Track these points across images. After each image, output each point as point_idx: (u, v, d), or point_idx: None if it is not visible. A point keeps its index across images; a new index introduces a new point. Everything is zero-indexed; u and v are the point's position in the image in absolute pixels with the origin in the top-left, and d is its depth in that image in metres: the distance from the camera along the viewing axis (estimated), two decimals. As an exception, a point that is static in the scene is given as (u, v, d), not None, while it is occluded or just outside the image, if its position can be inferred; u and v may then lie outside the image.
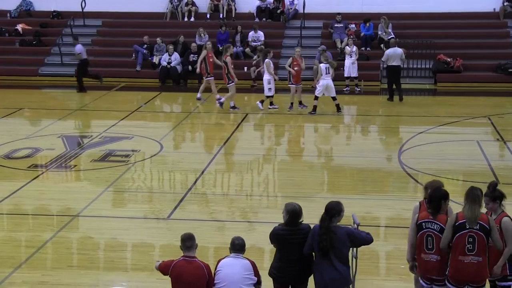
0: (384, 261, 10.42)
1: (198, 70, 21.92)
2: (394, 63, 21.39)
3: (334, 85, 19.90)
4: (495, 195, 7.96)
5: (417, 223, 7.94)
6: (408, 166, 14.72)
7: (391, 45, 21.82)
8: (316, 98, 19.80)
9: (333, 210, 7.80)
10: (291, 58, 20.72)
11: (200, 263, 7.64)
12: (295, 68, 20.31)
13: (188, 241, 7.70)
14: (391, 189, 13.85)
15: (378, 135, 18.83)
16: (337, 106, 19.88)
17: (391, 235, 11.48)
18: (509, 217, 7.88)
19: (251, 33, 25.88)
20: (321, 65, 19.91)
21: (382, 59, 22.18)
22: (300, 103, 20.45)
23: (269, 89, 20.24)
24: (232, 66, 20.63)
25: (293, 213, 7.90)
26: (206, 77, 21.48)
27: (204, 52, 21.51)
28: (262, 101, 20.31)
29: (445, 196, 8.02)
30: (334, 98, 19.82)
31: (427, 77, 24.67)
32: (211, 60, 21.44)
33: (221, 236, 11.16)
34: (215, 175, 14.57)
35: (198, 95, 21.66)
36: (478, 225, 7.61)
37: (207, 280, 7.59)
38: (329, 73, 19.79)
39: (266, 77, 20.26)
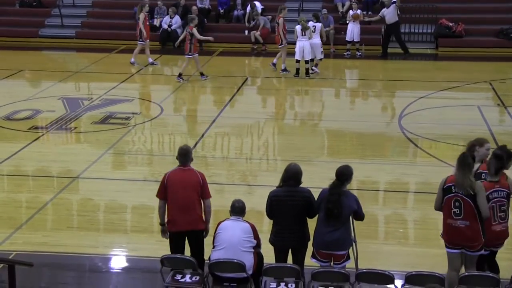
0: (382, 225, 10.48)
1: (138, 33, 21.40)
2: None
3: (336, 49, 19.78)
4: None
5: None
6: (408, 131, 14.72)
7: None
8: (298, 61, 19.74)
9: (345, 176, 7.80)
10: (282, 19, 20.30)
11: (195, 171, 8.22)
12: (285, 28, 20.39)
13: (182, 157, 8.26)
14: (391, 154, 13.87)
15: (378, 100, 18.79)
16: (307, 70, 19.79)
17: (390, 200, 11.54)
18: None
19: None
20: (297, 27, 19.76)
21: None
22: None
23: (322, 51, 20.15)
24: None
25: (293, 172, 7.90)
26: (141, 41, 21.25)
27: (142, 16, 21.17)
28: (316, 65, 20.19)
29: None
30: (306, 62, 19.78)
31: (428, 41, 24.52)
32: (147, 23, 21.31)
33: (220, 199, 11.17)
34: (215, 138, 14.59)
35: (132, 59, 21.47)
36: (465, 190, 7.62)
37: (201, 184, 8.14)
38: (305, 35, 19.63)
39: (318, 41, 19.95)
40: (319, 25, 20.06)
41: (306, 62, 19.78)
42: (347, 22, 23.50)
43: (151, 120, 15.79)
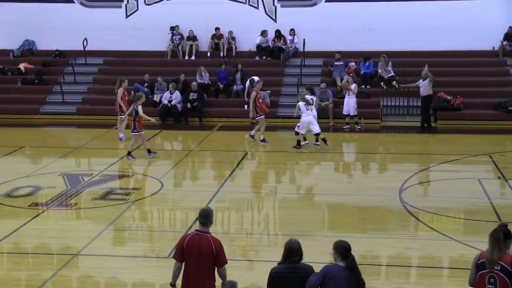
0: (385, 300, 10.35)
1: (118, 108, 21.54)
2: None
3: (335, 122, 19.87)
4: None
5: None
6: (409, 204, 14.68)
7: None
8: (297, 133, 20.17)
9: (349, 248, 7.72)
10: (254, 92, 21.07)
11: (210, 239, 8.22)
12: (260, 101, 20.95)
13: (202, 218, 8.37)
14: (392, 227, 13.80)
15: (378, 173, 18.83)
16: (324, 139, 20.12)
17: (393, 274, 11.41)
18: None
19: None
20: (300, 103, 20.18)
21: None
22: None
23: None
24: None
25: (290, 249, 7.81)
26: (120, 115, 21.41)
27: (120, 90, 21.42)
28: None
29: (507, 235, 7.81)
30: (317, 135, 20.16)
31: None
32: (126, 98, 21.52)
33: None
34: (215, 213, 14.42)
35: (120, 135, 21.57)
36: (499, 266, 7.50)
37: (214, 254, 8.15)
38: (308, 109, 20.08)
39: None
40: (314, 98, 20.65)
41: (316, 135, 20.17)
42: (344, 95, 23.76)
43: (151, 195, 15.78)
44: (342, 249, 7.72)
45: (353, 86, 23.31)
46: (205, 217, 8.36)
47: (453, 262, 11.66)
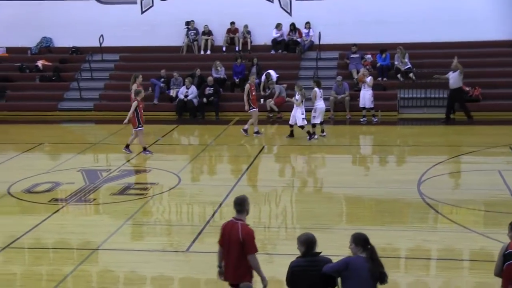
0: (405, 292, 10.32)
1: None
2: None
3: (352, 115, 19.81)
4: None
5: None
6: (428, 197, 14.61)
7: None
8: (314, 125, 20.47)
9: (368, 239, 7.72)
10: (248, 84, 21.38)
11: (239, 227, 8.41)
12: (253, 93, 21.17)
13: (237, 206, 8.64)
14: (411, 220, 13.74)
15: (396, 165, 18.76)
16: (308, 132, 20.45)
17: (412, 267, 11.37)
18: None
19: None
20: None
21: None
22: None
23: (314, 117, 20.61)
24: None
25: (309, 242, 7.81)
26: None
27: (134, 86, 21.18)
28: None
29: None
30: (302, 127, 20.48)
31: (445, 106, 24.54)
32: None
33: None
34: (233, 207, 14.49)
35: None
36: None
37: (241, 242, 8.35)
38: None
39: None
40: (321, 91, 20.96)
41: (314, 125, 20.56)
42: (360, 88, 23.67)
43: (169, 190, 15.82)
44: (362, 241, 7.71)
45: (369, 79, 23.19)
46: (239, 204, 8.62)
47: (474, 254, 11.59)
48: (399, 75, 25.33)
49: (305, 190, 16.39)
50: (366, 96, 23.15)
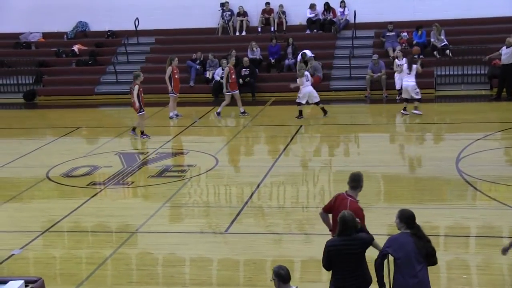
0: (444, 270, 10.23)
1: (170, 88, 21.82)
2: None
3: (388, 94, 19.53)
4: None
5: None
6: (467, 174, 14.46)
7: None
8: (299, 104, 20.62)
9: (413, 217, 7.71)
10: (227, 67, 21.54)
11: (348, 202, 8.47)
12: (233, 76, 21.40)
13: (351, 182, 8.71)
14: (450, 198, 13.61)
15: (434, 143, 18.57)
16: (323, 109, 20.65)
17: (451, 245, 11.27)
18: None
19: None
20: (306, 72, 20.96)
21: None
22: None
23: (416, 92, 20.43)
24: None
25: (344, 222, 7.75)
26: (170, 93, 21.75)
27: (169, 69, 21.69)
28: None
29: None
30: (317, 103, 20.70)
31: (482, 83, 24.25)
32: (176, 76, 21.62)
33: (279, 249, 11.14)
34: (270, 188, 14.57)
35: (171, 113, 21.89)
36: None
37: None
38: (309, 80, 20.69)
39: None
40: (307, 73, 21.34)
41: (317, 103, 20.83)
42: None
43: (207, 172, 15.88)
44: (406, 218, 7.68)
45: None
46: (354, 180, 8.71)
47: (514, 231, 11.47)
48: (435, 52, 25.00)
49: (343, 169, 16.25)
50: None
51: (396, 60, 22.97)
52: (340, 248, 7.73)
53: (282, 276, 7.20)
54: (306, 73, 20.94)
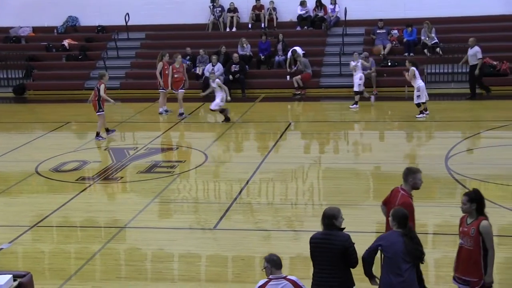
0: (433, 269, 10.28)
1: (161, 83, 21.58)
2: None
3: (379, 91, 19.38)
4: (471, 197, 7.89)
5: None
6: (456, 172, 14.51)
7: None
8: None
9: (405, 217, 7.70)
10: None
11: (399, 195, 8.54)
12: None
13: (403, 175, 8.73)
14: (439, 196, 13.65)
15: (423, 140, 18.62)
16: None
17: (439, 243, 11.33)
18: (487, 220, 7.84)
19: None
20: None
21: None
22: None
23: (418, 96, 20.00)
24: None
25: (325, 216, 7.73)
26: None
27: (160, 65, 21.48)
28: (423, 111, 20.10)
29: None
30: None
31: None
32: (166, 72, 21.42)
33: (267, 245, 11.15)
34: (259, 184, 14.57)
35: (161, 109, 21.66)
36: None
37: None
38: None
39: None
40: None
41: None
42: (388, 64, 23.36)
43: (196, 168, 15.87)
44: (399, 217, 7.69)
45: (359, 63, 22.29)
46: (403, 173, 8.77)
47: (502, 229, 11.50)
48: (425, 50, 25.06)
49: (332, 166, 16.33)
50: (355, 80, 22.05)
51: (352, 62, 22.55)
52: (319, 242, 7.71)
53: (274, 261, 7.33)
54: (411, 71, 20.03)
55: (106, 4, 28.67)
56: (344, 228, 7.80)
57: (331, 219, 7.71)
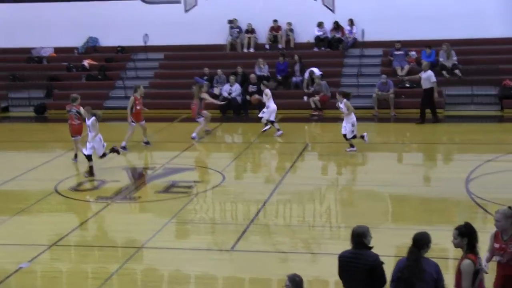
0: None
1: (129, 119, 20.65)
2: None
3: (397, 113, 19.26)
4: (461, 231, 7.80)
5: None
6: (477, 195, 14.36)
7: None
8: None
9: (421, 241, 7.59)
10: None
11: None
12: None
13: None
14: (459, 219, 13.44)
15: (443, 163, 18.50)
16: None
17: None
18: (471, 260, 7.68)
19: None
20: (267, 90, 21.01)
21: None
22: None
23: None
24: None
25: (354, 234, 7.70)
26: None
27: (131, 99, 20.62)
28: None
29: None
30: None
31: (493, 103, 24.18)
32: (137, 107, 20.52)
33: (284, 267, 11.07)
34: (277, 205, 14.53)
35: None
36: None
37: None
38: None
39: None
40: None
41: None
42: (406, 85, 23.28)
43: (213, 188, 15.86)
44: (413, 240, 7.62)
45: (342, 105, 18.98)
46: None
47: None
48: (444, 72, 24.97)
49: (350, 188, 16.27)
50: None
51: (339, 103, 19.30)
52: (346, 261, 7.68)
53: (296, 282, 7.30)
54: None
55: (126, 25, 28.85)
56: (372, 247, 7.73)
57: (360, 237, 7.68)
